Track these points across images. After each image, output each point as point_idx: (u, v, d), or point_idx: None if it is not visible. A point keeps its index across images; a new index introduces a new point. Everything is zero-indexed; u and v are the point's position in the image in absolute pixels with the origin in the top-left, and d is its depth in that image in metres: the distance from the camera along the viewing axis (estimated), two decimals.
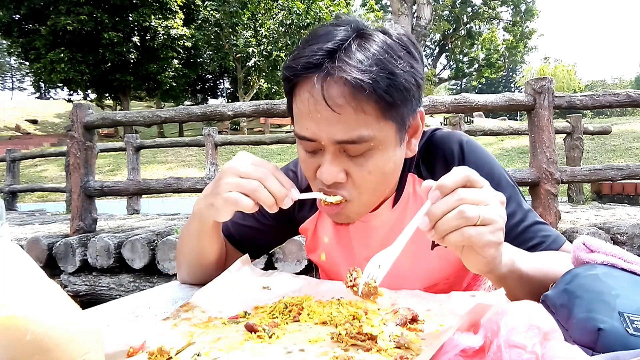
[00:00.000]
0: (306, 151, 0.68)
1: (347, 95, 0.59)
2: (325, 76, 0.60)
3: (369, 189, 0.67)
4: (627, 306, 0.46)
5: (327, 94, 0.59)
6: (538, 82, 2.56)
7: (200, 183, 2.75)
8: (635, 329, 0.44)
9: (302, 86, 0.63)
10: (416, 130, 0.72)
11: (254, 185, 0.62)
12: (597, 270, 0.53)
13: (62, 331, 0.38)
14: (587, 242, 0.57)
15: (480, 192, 0.53)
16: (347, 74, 0.58)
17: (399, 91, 0.61)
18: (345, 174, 0.65)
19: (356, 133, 0.61)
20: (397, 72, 0.60)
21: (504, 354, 0.40)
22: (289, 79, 0.65)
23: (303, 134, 0.65)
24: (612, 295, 0.48)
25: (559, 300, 0.52)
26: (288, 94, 0.69)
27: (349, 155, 0.64)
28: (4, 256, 0.40)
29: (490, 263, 0.55)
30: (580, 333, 0.47)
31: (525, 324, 0.42)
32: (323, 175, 0.65)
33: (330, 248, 0.88)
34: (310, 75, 0.61)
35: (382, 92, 0.59)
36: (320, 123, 0.62)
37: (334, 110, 0.60)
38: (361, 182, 0.66)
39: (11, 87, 57.78)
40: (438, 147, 0.79)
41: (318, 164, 0.66)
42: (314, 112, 0.61)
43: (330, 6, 20.13)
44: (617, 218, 2.70)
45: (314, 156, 0.67)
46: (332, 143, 0.63)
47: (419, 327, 0.57)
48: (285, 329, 0.58)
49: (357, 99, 0.59)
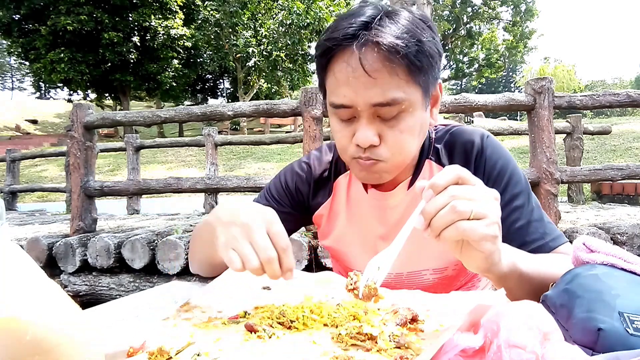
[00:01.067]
0: (341, 120, 0.72)
1: (382, 60, 0.65)
2: (361, 44, 0.65)
3: (400, 149, 0.72)
4: (627, 306, 0.46)
5: (364, 60, 0.65)
6: (538, 82, 2.56)
7: (200, 183, 2.75)
8: (635, 329, 0.44)
9: (339, 57, 0.68)
10: (437, 99, 0.78)
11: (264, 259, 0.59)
12: (597, 270, 0.53)
13: (62, 331, 0.38)
14: (587, 242, 0.57)
15: (472, 188, 0.54)
16: (382, 40, 0.64)
17: (425, 57, 0.67)
18: (378, 138, 0.70)
19: (390, 95, 0.66)
20: (424, 40, 0.67)
21: (504, 354, 0.40)
22: (325, 52, 0.69)
23: (340, 101, 0.69)
24: (612, 295, 0.48)
25: (559, 300, 0.52)
26: (322, 71, 0.73)
27: (382, 119, 0.69)
28: (4, 256, 0.40)
29: (489, 258, 0.55)
30: (580, 333, 0.47)
31: (525, 324, 0.42)
32: (359, 139, 0.69)
33: (343, 230, 0.89)
34: (347, 45, 0.66)
35: (412, 56, 0.65)
36: (357, 88, 0.67)
37: (371, 74, 0.65)
38: (393, 143, 0.70)
39: (11, 87, 57.78)
40: (460, 137, 0.84)
41: (353, 132, 0.71)
42: (352, 79, 0.66)
43: (330, 6, 20.13)
44: (617, 218, 2.70)
45: (349, 125, 0.72)
46: (368, 107, 0.67)
47: (419, 327, 0.57)
48: (285, 329, 0.58)
49: (391, 63, 0.65)
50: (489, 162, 0.80)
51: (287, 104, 2.62)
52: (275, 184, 0.94)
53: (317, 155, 0.94)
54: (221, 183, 2.73)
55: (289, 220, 0.90)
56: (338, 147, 0.77)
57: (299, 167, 0.93)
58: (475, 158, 0.81)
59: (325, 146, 0.96)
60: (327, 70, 0.72)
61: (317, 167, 0.92)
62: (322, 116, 2.52)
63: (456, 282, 0.88)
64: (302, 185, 0.92)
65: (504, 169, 0.79)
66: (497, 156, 0.80)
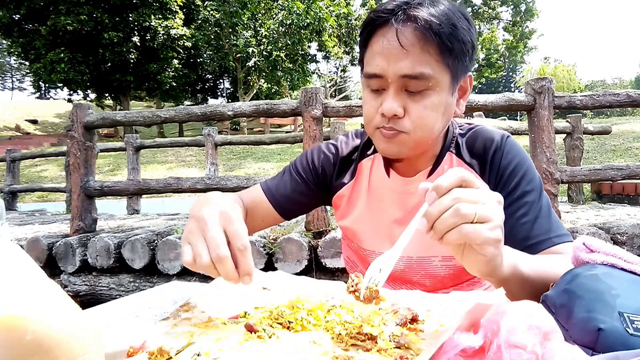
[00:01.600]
0: (371, 91, 0.77)
1: (416, 35, 0.69)
2: (399, 19, 0.70)
3: (422, 124, 0.75)
4: (627, 306, 0.46)
5: (400, 33, 0.70)
6: (538, 82, 2.56)
7: (200, 183, 2.75)
8: (635, 329, 0.44)
9: (378, 32, 0.73)
10: (465, 91, 0.82)
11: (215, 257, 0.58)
12: (597, 270, 0.53)
13: (62, 331, 0.38)
14: (587, 242, 0.57)
15: (476, 191, 0.53)
16: (418, 15, 0.69)
17: (458, 42, 0.71)
18: (403, 110, 0.73)
19: (419, 69, 0.70)
20: (459, 26, 0.71)
21: (504, 354, 0.40)
22: (367, 27, 0.75)
23: (373, 71, 0.74)
24: (612, 295, 0.48)
25: (559, 300, 0.52)
26: (362, 46, 0.78)
27: (409, 93, 0.73)
28: (4, 256, 0.40)
29: (491, 262, 0.55)
30: (580, 333, 0.47)
31: (525, 324, 0.42)
32: (384, 108, 0.73)
33: (362, 212, 0.92)
34: (387, 20, 0.72)
35: (445, 38, 0.69)
36: (389, 59, 0.71)
37: (404, 47, 0.70)
38: (416, 117, 0.74)
39: (11, 87, 57.77)
40: (482, 134, 0.87)
41: (380, 103, 0.75)
42: (386, 50, 0.71)
43: (330, 6, 20.13)
44: (617, 218, 2.70)
45: (378, 96, 0.76)
46: (397, 78, 0.72)
47: (419, 327, 0.57)
48: (284, 329, 0.58)
49: (424, 40, 0.69)
50: (505, 159, 0.83)
51: (287, 104, 2.62)
52: (302, 160, 0.98)
53: (344, 139, 0.98)
54: (221, 183, 2.73)
55: (309, 196, 0.97)
56: (365, 117, 0.80)
57: (327, 148, 0.97)
58: (492, 154, 0.84)
59: (352, 132, 1.00)
60: (367, 45, 0.76)
61: (344, 150, 0.96)
62: (321, 116, 2.52)
63: (465, 275, 0.88)
64: (328, 165, 0.96)
65: (519, 167, 0.82)
66: (514, 154, 0.83)
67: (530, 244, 0.76)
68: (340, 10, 20.66)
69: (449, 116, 0.79)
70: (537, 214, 0.78)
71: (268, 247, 2.30)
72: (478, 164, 0.85)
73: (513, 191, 0.80)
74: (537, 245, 0.75)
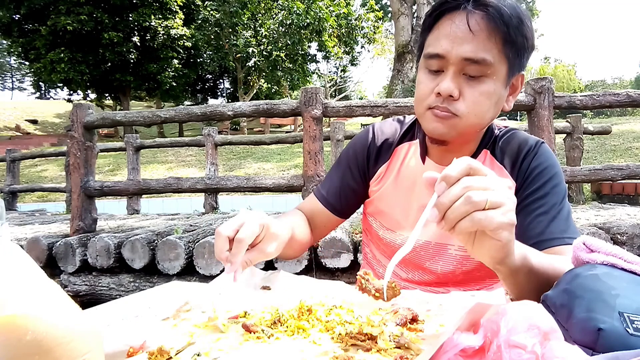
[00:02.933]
0: (429, 71, 0.79)
1: (485, 22, 0.72)
2: (471, 4, 0.73)
3: (475, 109, 0.76)
4: (627, 306, 0.46)
5: (470, 17, 0.72)
6: (538, 82, 2.56)
7: (200, 183, 2.75)
8: (635, 329, 0.44)
9: (447, 17, 0.75)
10: (515, 89, 0.83)
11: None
12: (597, 270, 0.53)
13: (62, 331, 0.38)
14: (587, 242, 0.57)
15: (485, 178, 0.53)
16: (491, 4, 0.72)
17: (521, 36, 0.73)
18: (459, 93, 0.75)
19: (482, 55, 0.72)
20: (525, 22, 0.74)
21: (504, 354, 0.40)
22: (435, 10, 0.77)
23: (436, 51, 0.75)
24: (612, 295, 0.48)
25: (559, 300, 0.52)
26: (426, 30, 0.80)
27: (467, 77, 0.75)
28: (4, 256, 0.40)
29: (505, 247, 0.55)
30: (580, 333, 0.47)
31: (525, 324, 0.42)
32: (442, 88, 0.75)
33: (389, 191, 0.95)
34: (457, 5, 0.74)
35: (512, 29, 0.72)
36: (455, 41, 0.73)
37: (472, 31, 0.72)
38: (471, 101, 0.75)
39: (11, 87, 57.75)
40: (518, 137, 0.90)
41: (436, 84, 0.77)
42: (452, 32, 0.73)
43: (330, 6, 20.12)
44: (617, 218, 2.70)
45: (435, 77, 0.77)
46: (459, 60, 0.74)
47: (419, 327, 0.57)
48: (284, 329, 0.58)
49: (491, 27, 0.72)
50: (535, 160, 0.85)
51: (287, 104, 2.62)
52: (344, 152, 1.03)
53: (380, 126, 1.00)
54: (221, 183, 2.73)
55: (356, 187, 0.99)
56: (418, 97, 0.81)
57: (364, 135, 1.00)
58: (524, 155, 0.86)
59: (392, 119, 1.02)
60: (432, 28, 0.78)
61: (379, 137, 0.98)
62: (322, 116, 2.52)
63: (477, 271, 0.90)
64: (364, 151, 0.98)
65: (547, 170, 0.84)
66: (545, 158, 0.86)
67: (544, 239, 0.77)
68: (340, 10, 20.63)
69: (499, 109, 0.81)
70: (556, 215, 0.79)
71: None
72: (510, 164, 0.87)
73: (537, 190, 0.82)
74: (549, 241, 0.77)
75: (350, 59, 25.42)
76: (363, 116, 2.54)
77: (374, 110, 2.54)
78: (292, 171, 12.33)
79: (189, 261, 2.32)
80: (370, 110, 2.54)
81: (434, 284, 0.94)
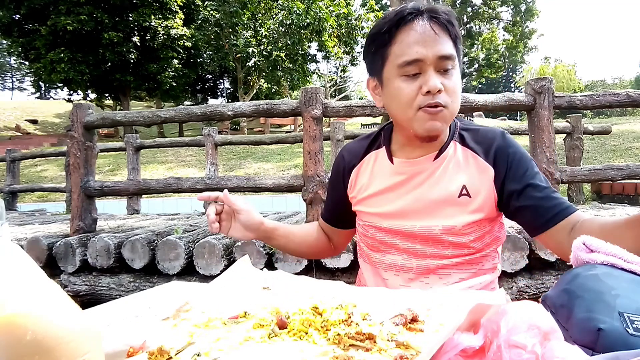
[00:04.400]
0: (407, 77, 0.87)
1: (441, 25, 0.86)
2: (426, 15, 0.86)
3: (455, 97, 0.87)
4: (627, 306, 0.46)
5: (432, 24, 0.85)
6: (538, 82, 2.55)
7: (200, 183, 2.75)
8: (635, 329, 0.44)
9: (406, 28, 0.86)
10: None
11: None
12: (597, 270, 0.53)
13: (62, 331, 0.38)
14: (587, 242, 0.57)
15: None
16: (438, 12, 0.86)
17: (457, 34, 0.88)
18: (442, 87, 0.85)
19: (450, 50, 0.85)
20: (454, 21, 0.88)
21: (504, 354, 0.40)
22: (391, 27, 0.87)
23: (413, 57, 0.85)
24: (612, 295, 0.48)
25: (559, 300, 0.52)
26: (382, 46, 0.89)
27: (441, 73, 0.86)
28: (4, 256, 0.40)
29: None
30: (580, 333, 0.47)
31: (525, 324, 0.42)
32: (431, 85, 0.84)
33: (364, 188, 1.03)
34: (414, 18, 0.86)
35: (454, 29, 0.87)
36: (427, 44, 0.84)
37: (436, 33, 0.84)
38: (452, 90, 0.86)
39: (11, 87, 57.72)
40: (482, 127, 1.00)
41: (419, 85, 0.86)
42: (422, 38, 0.84)
43: (330, 6, 20.12)
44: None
45: (415, 80, 0.86)
46: (435, 59, 0.84)
47: (419, 327, 0.57)
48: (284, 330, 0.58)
49: (445, 29, 0.86)
50: (510, 147, 0.93)
51: (287, 104, 2.62)
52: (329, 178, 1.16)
53: (348, 148, 1.11)
54: (221, 183, 2.73)
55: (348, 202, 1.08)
56: (402, 103, 0.88)
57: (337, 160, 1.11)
58: (497, 143, 0.94)
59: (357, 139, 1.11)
60: (391, 42, 0.88)
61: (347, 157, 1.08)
62: (322, 116, 2.52)
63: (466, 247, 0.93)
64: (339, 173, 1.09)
65: (523, 155, 0.93)
66: (515, 145, 0.95)
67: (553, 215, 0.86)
68: (340, 10, 20.63)
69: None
70: (549, 193, 0.89)
71: (268, 247, 2.29)
72: (482, 149, 0.94)
73: (524, 176, 0.90)
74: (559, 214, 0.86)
75: (350, 59, 25.42)
76: (363, 116, 2.54)
77: (374, 110, 2.54)
78: (292, 171, 12.33)
79: (189, 261, 2.32)
80: (370, 110, 2.54)
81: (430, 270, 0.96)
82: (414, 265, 0.96)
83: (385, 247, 0.99)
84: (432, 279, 0.94)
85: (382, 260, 1.00)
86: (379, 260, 1.01)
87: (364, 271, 1.09)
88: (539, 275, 2.15)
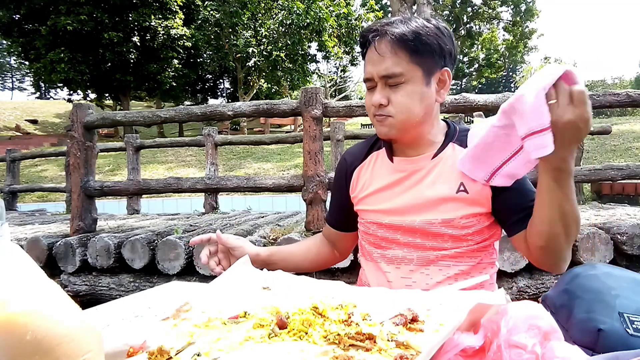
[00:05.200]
0: (369, 90, 0.99)
1: (390, 45, 0.92)
2: (378, 36, 0.94)
3: (402, 109, 0.95)
4: (627, 306, 0.46)
5: (378, 46, 0.94)
6: None
7: (200, 183, 2.75)
8: (635, 329, 0.44)
9: (369, 47, 0.96)
10: (444, 83, 0.99)
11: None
12: (597, 270, 0.53)
13: (62, 331, 0.38)
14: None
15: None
16: (391, 32, 0.92)
17: (423, 44, 0.92)
18: (387, 100, 0.95)
19: (391, 70, 0.92)
20: (422, 32, 0.92)
21: (504, 354, 0.40)
22: (362, 46, 0.99)
23: (366, 76, 0.97)
24: (612, 296, 0.48)
25: (559, 300, 0.52)
26: (363, 59, 1.00)
27: (390, 87, 0.94)
28: (4, 256, 0.40)
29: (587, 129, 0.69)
30: (580, 333, 0.47)
31: (525, 324, 0.42)
32: (373, 100, 0.95)
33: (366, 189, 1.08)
34: (373, 38, 0.94)
35: (411, 44, 0.91)
36: (374, 65, 0.95)
37: (380, 54, 0.93)
38: (397, 104, 0.94)
39: (11, 87, 57.71)
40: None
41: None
42: (371, 59, 0.95)
43: (330, 6, 20.11)
44: (617, 218, 2.69)
45: (372, 93, 0.97)
46: (380, 78, 0.94)
47: (419, 327, 0.57)
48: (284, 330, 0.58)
49: (395, 47, 0.92)
50: None
51: (287, 104, 2.61)
52: (332, 182, 1.22)
53: (350, 151, 1.18)
54: (221, 183, 2.73)
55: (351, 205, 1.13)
56: (367, 111, 1.02)
57: (340, 164, 1.17)
58: None
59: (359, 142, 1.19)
60: (364, 57, 0.99)
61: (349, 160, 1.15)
62: (322, 116, 2.51)
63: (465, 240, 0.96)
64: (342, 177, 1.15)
65: None
66: None
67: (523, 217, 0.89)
68: (340, 10, 20.62)
69: (428, 102, 0.97)
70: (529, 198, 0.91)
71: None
72: None
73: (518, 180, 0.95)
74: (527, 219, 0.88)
75: (350, 59, 25.39)
76: (363, 116, 2.53)
77: None
78: (292, 171, 12.33)
79: (189, 261, 2.32)
80: None
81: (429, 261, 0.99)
82: (414, 257, 0.99)
83: (387, 243, 1.03)
84: (432, 270, 0.98)
85: (383, 255, 1.03)
86: (381, 255, 1.04)
87: (365, 268, 1.11)
88: (539, 275, 2.15)
